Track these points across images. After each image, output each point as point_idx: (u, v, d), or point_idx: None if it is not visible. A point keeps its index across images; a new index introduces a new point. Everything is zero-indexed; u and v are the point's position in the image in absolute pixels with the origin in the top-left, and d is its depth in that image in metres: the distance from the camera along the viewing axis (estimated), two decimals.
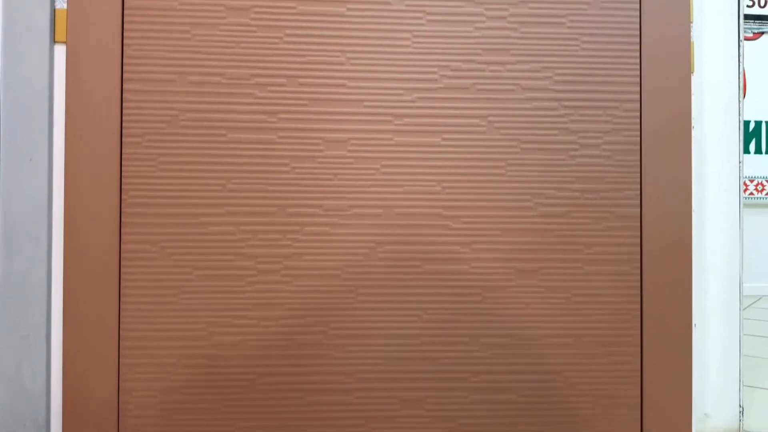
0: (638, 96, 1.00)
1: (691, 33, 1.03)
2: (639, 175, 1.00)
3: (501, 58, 0.98)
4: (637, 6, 1.00)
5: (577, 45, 0.99)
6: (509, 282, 0.98)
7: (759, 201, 2.15)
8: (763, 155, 2.04)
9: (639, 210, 1.00)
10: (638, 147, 1.00)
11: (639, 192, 1.00)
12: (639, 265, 0.99)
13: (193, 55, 0.95)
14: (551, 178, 0.99)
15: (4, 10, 0.93)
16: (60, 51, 0.94)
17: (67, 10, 0.93)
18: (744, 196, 1.24)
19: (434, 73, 0.98)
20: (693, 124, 1.04)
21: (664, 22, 1.00)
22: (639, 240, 0.99)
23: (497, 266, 0.99)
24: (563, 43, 0.99)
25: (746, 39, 1.37)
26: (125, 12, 0.94)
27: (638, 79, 1.00)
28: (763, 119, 2.00)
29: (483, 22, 0.99)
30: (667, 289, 0.99)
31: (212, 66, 0.95)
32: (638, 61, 1.00)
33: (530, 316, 0.98)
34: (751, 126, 1.91)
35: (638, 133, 1.00)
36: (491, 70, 0.98)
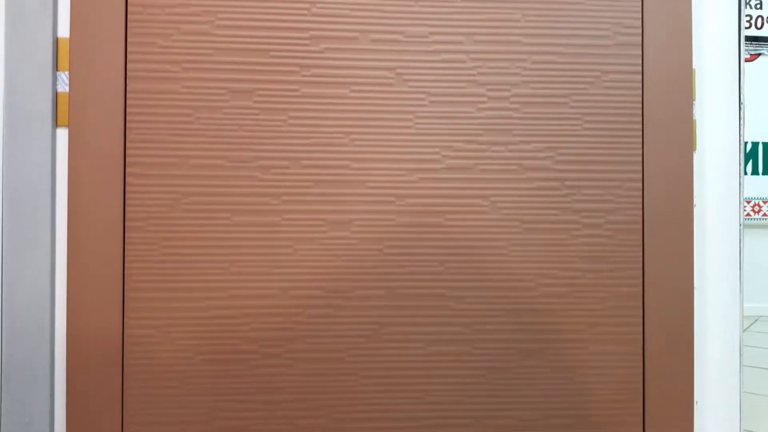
0: (641, 176, 1.00)
1: (693, 110, 1.03)
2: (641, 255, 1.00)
3: (503, 138, 0.99)
4: (640, 88, 1.01)
5: (578, 125, 1.00)
6: (513, 363, 0.99)
7: (756, 222, 2.13)
8: (761, 176, 2.02)
9: (641, 289, 1.00)
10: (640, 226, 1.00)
11: (641, 272, 1.00)
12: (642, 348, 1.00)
13: (196, 138, 0.95)
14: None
15: (6, 93, 0.92)
16: (62, 135, 0.94)
17: (69, 93, 0.93)
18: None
19: (437, 153, 0.98)
20: (695, 202, 1.04)
21: (667, 101, 1.01)
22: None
23: (501, 347, 0.99)
24: (566, 123, 0.99)
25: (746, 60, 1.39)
26: (127, 95, 0.94)
27: (641, 158, 1.01)
28: (760, 140, 1.97)
29: (485, 102, 0.99)
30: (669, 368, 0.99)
31: (215, 149, 0.95)
32: (641, 142, 1.01)
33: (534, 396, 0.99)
34: (748, 147, 1.75)
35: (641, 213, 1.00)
36: (493, 150, 0.98)
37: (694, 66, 1.04)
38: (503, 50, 0.99)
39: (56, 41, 0.94)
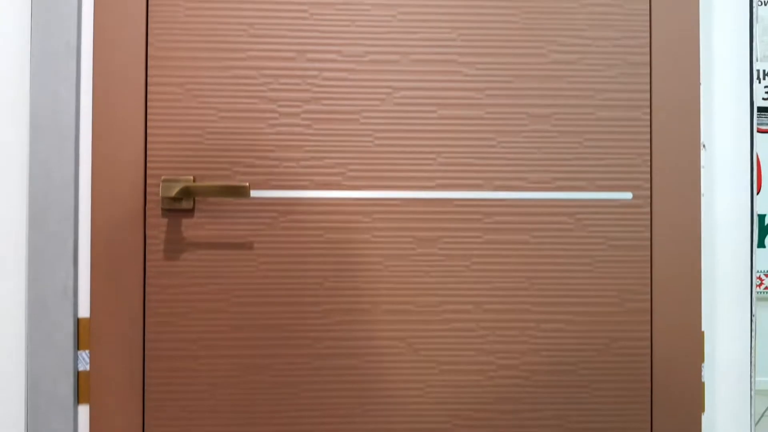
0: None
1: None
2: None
3: (513, 407, 1.00)
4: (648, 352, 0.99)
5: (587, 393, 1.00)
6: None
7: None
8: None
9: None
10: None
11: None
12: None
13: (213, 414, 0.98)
14: None
15: (29, 375, 0.96)
16: (84, 412, 0.96)
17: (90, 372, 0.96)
18: (758, 290, 1.21)
19: (447, 422, 0.99)
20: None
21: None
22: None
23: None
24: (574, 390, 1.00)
25: (759, 131, 1.21)
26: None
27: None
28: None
29: (495, 371, 0.99)
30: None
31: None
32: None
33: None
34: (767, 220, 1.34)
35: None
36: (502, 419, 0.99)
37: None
38: (512, 318, 0.99)
39: (77, 321, 0.96)
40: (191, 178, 0.97)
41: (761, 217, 1.62)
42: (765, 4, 1.80)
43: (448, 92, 1.00)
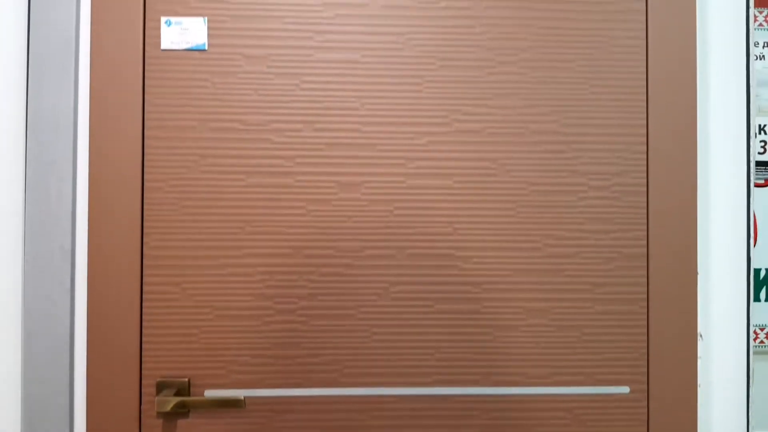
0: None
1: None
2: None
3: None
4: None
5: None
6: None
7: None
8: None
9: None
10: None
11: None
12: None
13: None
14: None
15: None
16: None
17: None
18: (754, 344, 1.12)
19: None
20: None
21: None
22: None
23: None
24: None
25: (757, 186, 1.10)
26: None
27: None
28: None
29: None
30: None
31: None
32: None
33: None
34: (762, 273, 1.14)
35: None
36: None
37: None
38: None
39: None
40: (186, 380, 0.97)
41: None
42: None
43: (445, 287, 1.00)
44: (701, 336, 1.03)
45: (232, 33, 0.99)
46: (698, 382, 1.01)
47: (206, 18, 0.98)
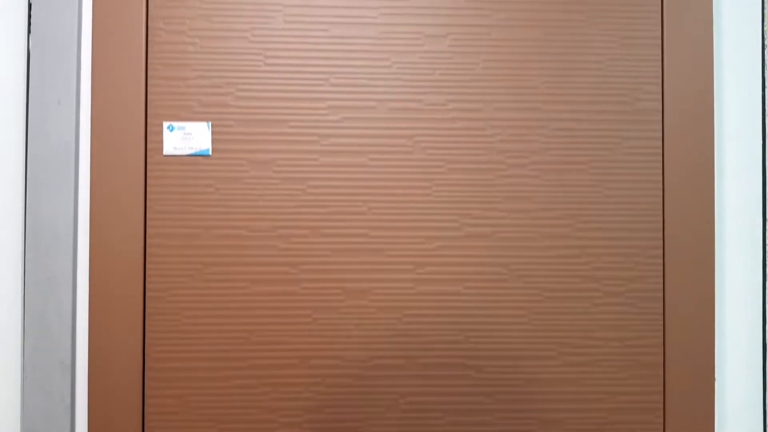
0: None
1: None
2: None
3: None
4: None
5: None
6: None
7: None
8: None
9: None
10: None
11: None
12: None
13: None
14: None
15: None
16: None
17: None
18: None
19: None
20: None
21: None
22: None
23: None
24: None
25: None
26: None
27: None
28: None
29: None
30: None
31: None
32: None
33: None
34: None
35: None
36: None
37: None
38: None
39: None
40: None
41: None
42: None
43: (456, 397, 0.97)
44: None
45: (236, 138, 0.96)
46: None
47: (210, 123, 0.96)
